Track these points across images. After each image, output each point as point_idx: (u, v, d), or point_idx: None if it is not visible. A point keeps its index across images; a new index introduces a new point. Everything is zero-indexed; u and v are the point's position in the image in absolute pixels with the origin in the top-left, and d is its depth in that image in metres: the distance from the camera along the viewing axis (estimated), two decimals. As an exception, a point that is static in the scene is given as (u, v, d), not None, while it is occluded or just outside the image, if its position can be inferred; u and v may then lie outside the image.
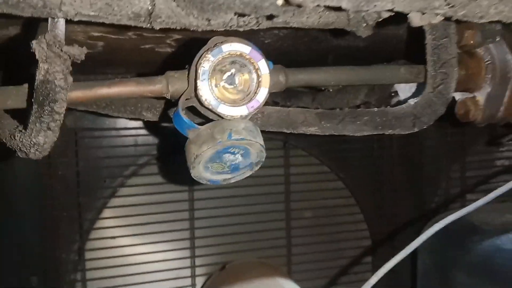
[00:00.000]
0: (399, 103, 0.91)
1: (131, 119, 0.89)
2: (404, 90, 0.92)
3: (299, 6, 0.39)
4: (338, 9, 0.42)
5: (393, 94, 0.96)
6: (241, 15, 0.43)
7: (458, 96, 0.81)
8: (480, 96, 0.77)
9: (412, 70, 0.72)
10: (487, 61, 0.75)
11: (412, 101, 0.69)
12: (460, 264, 1.11)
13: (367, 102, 1.04)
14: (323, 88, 1.12)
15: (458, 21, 0.53)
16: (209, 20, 0.44)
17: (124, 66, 1.20)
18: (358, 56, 0.95)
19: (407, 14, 0.47)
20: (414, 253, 1.46)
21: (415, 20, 0.47)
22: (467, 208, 0.77)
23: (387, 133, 0.70)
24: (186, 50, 0.88)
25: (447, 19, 0.48)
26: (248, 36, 0.60)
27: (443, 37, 0.67)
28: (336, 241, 1.65)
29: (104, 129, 1.40)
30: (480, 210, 1.18)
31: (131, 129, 1.41)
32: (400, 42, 0.89)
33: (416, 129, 0.69)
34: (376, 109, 0.70)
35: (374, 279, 0.57)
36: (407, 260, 1.56)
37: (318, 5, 0.41)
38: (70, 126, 1.37)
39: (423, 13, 0.45)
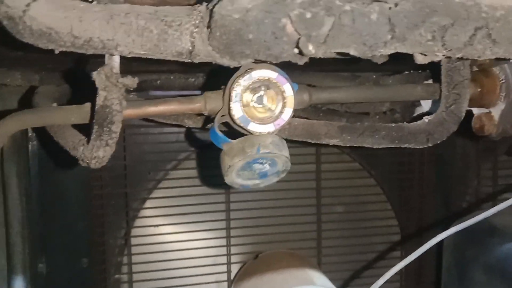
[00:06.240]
0: (422, 114, 0.97)
1: (174, 125, 0.99)
2: (427, 101, 0.97)
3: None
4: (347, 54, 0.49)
5: (416, 103, 1.02)
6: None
7: (475, 110, 0.86)
8: (495, 112, 0.82)
9: (428, 88, 0.78)
10: (501, 80, 0.80)
11: (426, 118, 0.76)
12: (479, 264, 1.16)
13: (392, 109, 1.09)
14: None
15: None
16: (240, 61, 0.53)
17: (166, 64, 1.30)
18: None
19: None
20: (439, 249, 1.52)
21: (419, 58, 0.53)
22: (476, 218, 0.82)
23: (403, 147, 0.77)
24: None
25: (448, 57, 0.54)
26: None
27: (457, 60, 0.73)
28: (366, 236, 1.71)
29: (149, 126, 1.51)
30: (502, 213, 1.23)
31: (173, 127, 1.51)
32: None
33: (429, 144, 0.75)
34: (393, 124, 0.76)
35: (380, 281, 0.64)
36: (433, 255, 1.62)
37: (329, 52, 0.48)
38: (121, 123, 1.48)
39: (425, 55, 0.52)
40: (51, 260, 1.49)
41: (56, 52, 0.58)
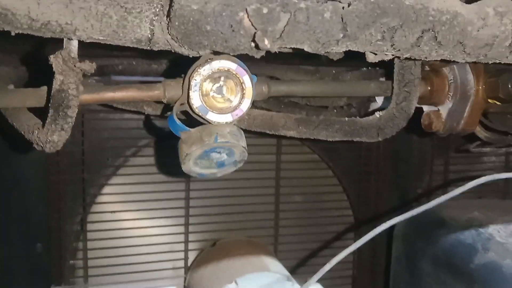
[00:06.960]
0: (375, 110, 1.01)
1: (133, 112, 0.99)
2: (381, 97, 1.01)
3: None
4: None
5: (371, 99, 1.06)
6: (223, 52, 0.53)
7: (425, 108, 0.91)
8: (443, 110, 0.86)
9: (381, 85, 0.81)
10: (450, 80, 0.85)
11: (378, 114, 0.79)
12: (426, 254, 1.22)
13: (349, 104, 1.13)
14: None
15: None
16: (198, 52, 0.54)
17: (129, 49, 1.29)
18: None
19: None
20: (390, 239, 1.58)
21: (370, 57, 0.56)
22: (426, 205, 0.86)
23: (355, 140, 0.80)
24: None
25: (397, 57, 0.57)
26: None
27: (409, 59, 0.76)
28: (321, 225, 1.76)
29: (109, 112, 1.49)
30: (449, 206, 1.29)
31: (134, 113, 1.50)
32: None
33: (380, 139, 0.79)
34: (346, 119, 0.79)
35: (328, 265, 0.67)
36: (384, 245, 1.68)
37: (284, 47, 0.50)
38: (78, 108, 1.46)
39: (375, 54, 0.55)
40: (5, 244, 1.46)
41: (12, 34, 0.57)
